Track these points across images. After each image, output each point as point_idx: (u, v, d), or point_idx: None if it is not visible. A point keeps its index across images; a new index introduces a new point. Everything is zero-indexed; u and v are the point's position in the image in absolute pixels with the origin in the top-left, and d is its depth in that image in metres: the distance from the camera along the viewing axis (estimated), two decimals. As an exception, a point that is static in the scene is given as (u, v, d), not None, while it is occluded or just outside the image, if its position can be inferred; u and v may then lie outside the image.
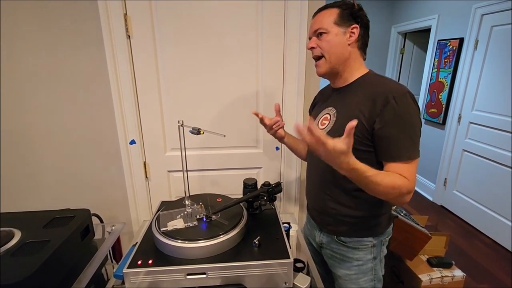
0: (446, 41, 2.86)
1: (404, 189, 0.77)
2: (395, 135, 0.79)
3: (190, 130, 0.86)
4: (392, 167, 0.80)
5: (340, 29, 0.85)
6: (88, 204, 1.29)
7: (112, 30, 1.20)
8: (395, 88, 0.81)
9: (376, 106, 0.80)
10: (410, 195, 0.79)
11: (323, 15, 0.87)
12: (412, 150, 0.80)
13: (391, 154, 0.81)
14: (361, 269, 0.96)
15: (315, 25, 0.88)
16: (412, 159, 0.80)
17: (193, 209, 0.90)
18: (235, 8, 1.24)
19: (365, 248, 0.95)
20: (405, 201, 0.80)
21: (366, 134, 0.83)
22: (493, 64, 2.40)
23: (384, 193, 0.77)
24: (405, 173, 0.78)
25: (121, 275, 0.82)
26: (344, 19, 0.85)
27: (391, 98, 0.78)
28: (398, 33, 3.66)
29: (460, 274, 1.61)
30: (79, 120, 1.31)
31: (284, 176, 1.49)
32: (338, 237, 0.97)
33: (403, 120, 0.79)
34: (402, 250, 1.60)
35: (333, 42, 0.86)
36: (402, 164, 0.79)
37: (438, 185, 3.08)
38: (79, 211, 0.97)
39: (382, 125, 0.80)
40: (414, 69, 3.83)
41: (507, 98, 2.30)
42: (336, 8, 0.86)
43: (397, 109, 0.78)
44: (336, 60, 0.87)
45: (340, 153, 0.65)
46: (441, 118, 2.97)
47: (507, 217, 2.33)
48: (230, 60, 1.31)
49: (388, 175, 0.78)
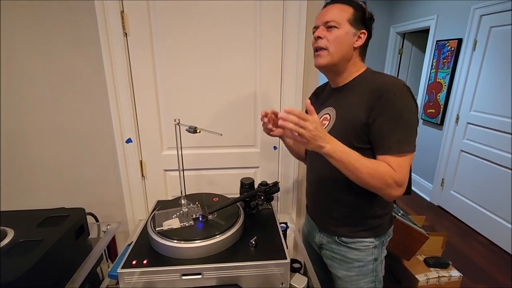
0: (445, 42, 2.86)
1: (388, 178, 0.76)
2: (387, 127, 0.79)
3: (187, 129, 0.85)
4: (382, 159, 0.79)
5: (351, 29, 0.84)
6: (83, 203, 1.28)
7: (109, 28, 1.19)
8: (390, 81, 0.80)
9: (372, 100, 0.80)
10: (398, 189, 0.78)
11: (337, 8, 0.85)
12: (404, 143, 0.78)
13: (382, 145, 0.80)
14: (362, 270, 0.95)
15: (328, 15, 0.85)
16: (404, 152, 0.78)
17: (189, 208, 0.90)
18: (233, 6, 1.23)
19: (366, 249, 0.94)
20: (392, 194, 0.78)
21: (365, 130, 0.82)
22: (492, 65, 2.40)
23: (366, 179, 0.76)
24: (392, 164, 0.77)
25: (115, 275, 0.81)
26: (356, 21, 0.84)
27: (385, 91, 0.78)
28: (397, 33, 3.67)
29: (457, 275, 1.61)
30: (74, 118, 1.29)
31: (281, 176, 1.48)
32: (339, 237, 0.96)
33: (396, 112, 0.78)
34: (399, 250, 1.60)
35: (342, 39, 0.84)
36: (392, 156, 0.78)
37: (435, 185, 3.09)
38: (73, 210, 0.96)
39: (376, 117, 0.79)
40: (412, 69, 3.84)
41: (505, 99, 2.30)
42: (350, 7, 0.85)
43: (390, 101, 0.77)
44: (339, 57, 0.86)
45: (321, 127, 0.73)
46: (439, 118, 2.98)
47: (504, 217, 2.33)
48: (228, 58, 1.30)
49: (372, 161, 0.78)
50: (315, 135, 0.72)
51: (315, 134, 0.72)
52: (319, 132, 0.73)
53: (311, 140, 0.73)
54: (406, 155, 0.78)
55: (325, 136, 0.74)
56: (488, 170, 2.47)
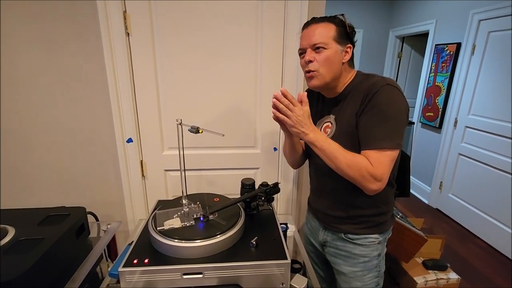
0: (444, 46, 2.88)
1: (363, 171, 0.78)
2: (369, 122, 0.81)
3: (189, 129, 0.86)
4: (363, 154, 0.82)
5: (339, 46, 0.86)
6: (83, 202, 1.28)
7: (111, 27, 1.19)
8: (377, 80, 0.82)
9: (361, 101, 0.83)
10: (376, 183, 0.79)
11: (322, 27, 0.85)
12: (385, 139, 0.78)
13: (363, 140, 0.82)
14: (367, 265, 0.97)
15: (315, 37, 0.84)
16: (384, 148, 0.78)
17: (190, 208, 0.90)
18: (236, 7, 1.24)
19: (372, 245, 0.96)
20: (370, 187, 0.80)
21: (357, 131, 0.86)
22: (490, 69, 2.43)
23: (344, 169, 0.80)
24: (370, 158, 0.79)
25: (116, 274, 0.82)
26: (341, 37, 0.86)
27: (370, 90, 0.81)
28: (396, 36, 3.69)
29: (455, 277, 1.62)
30: (75, 118, 1.29)
31: (281, 177, 1.49)
32: (346, 234, 0.98)
33: (379, 109, 0.79)
34: (398, 252, 1.60)
35: (331, 59, 0.85)
36: (372, 151, 0.80)
37: (433, 188, 3.10)
38: (74, 209, 0.96)
39: (361, 115, 0.83)
40: (411, 73, 3.87)
41: (503, 104, 2.32)
42: (333, 24, 0.85)
43: (374, 98, 0.79)
44: (331, 77, 0.87)
45: (307, 117, 0.81)
46: (437, 122, 2.99)
47: (501, 220, 2.34)
48: (229, 59, 1.30)
49: (351, 153, 0.81)
50: (301, 120, 0.80)
51: (300, 120, 0.80)
52: (304, 119, 0.80)
53: (295, 124, 0.80)
54: (387, 152, 0.79)
55: (310, 125, 0.82)
56: (486, 173, 2.48)
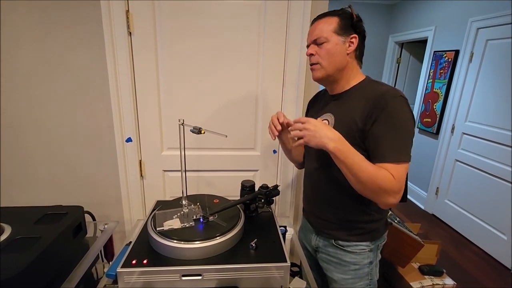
0: (442, 53, 2.91)
1: (387, 185, 0.76)
2: (384, 135, 0.80)
3: (191, 129, 0.86)
4: (381, 166, 0.80)
5: (340, 38, 0.86)
6: (81, 201, 1.26)
7: (113, 26, 1.19)
8: (389, 91, 0.82)
9: (369, 107, 0.82)
10: (395, 196, 0.78)
11: (323, 23, 0.87)
12: (400, 152, 0.79)
13: (379, 153, 0.81)
14: (358, 273, 0.96)
15: (315, 33, 0.88)
16: (400, 161, 0.79)
17: (190, 209, 0.89)
18: (239, 8, 1.25)
19: (362, 253, 0.95)
20: (389, 202, 0.79)
21: (361, 136, 0.84)
22: (487, 77, 2.45)
23: (365, 182, 0.77)
24: (392, 171, 0.78)
25: (113, 275, 0.81)
26: (343, 28, 0.86)
27: (383, 100, 0.80)
28: (395, 42, 3.72)
29: (450, 283, 1.62)
30: (75, 116, 1.28)
31: (280, 179, 1.49)
32: (336, 241, 0.97)
33: (393, 121, 0.79)
34: (394, 257, 1.61)
35: (332, 51, 0.86)
36: (391, 164, 0.79)
37: (430, 194, 3.11)
38: (72, 208, 0.95)
39: (372, 125, 0.81)
40: (410, 78, 3.89)
41: (500, 111, 2.34)
42: (336, 16, 0.87)
43: (387, 110, 0.79)
44: (333, 69, 0.88)
45: (323, 125, 0.79)
46: (435, 127, 3.02)
47: (497, 227, 2.36)
48: (230, 60, 1.31)
49: (374, 166, 0.78)
50: (315, 131, 0.78)
51: (315, 131, 0.78)
52: (320, 129, 0.78)
53: (311, 139, 0.79)
54: (402, 164, 0.79)
55: (329, 133, 0.78)
56: (482, 180, 2.50)
